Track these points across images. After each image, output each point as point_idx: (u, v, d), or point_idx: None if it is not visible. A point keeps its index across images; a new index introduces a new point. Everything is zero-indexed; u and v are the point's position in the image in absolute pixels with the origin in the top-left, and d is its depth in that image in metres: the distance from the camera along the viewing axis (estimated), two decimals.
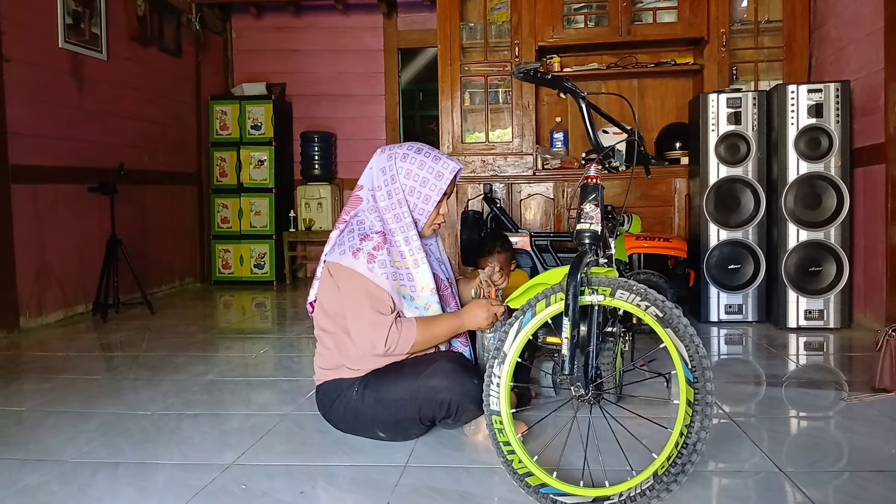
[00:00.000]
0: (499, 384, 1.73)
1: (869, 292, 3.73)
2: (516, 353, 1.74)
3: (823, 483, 1.78)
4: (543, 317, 1.73)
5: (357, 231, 2.05)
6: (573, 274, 1.66)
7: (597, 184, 1.83)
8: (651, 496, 1.52)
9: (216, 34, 6.40)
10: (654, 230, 4.49)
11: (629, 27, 4.63)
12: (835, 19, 4.17)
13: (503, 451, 1.71)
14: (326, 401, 2.13)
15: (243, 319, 4.62)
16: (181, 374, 3.02)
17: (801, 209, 3.75)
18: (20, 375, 3.05)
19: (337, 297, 2.06)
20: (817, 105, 3.71)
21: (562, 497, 1.61)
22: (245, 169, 6.12)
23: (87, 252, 4.58)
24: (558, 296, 1.70)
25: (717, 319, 3.98)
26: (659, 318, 1.62)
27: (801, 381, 2.82)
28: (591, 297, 1.69)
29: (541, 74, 1.88)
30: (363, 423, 2.08)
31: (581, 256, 1.72)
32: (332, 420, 2.15)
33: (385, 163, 2.08)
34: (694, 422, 1.51)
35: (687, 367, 1.56)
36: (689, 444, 1.50)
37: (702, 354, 1.54)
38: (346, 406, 2.07)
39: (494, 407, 1.73)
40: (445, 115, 4.88)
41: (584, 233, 1.79)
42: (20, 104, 4.02)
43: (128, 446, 2.14)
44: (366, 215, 2.08)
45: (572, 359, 1.65)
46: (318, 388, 2.16)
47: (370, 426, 2.08)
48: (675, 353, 1.59)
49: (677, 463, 1.51)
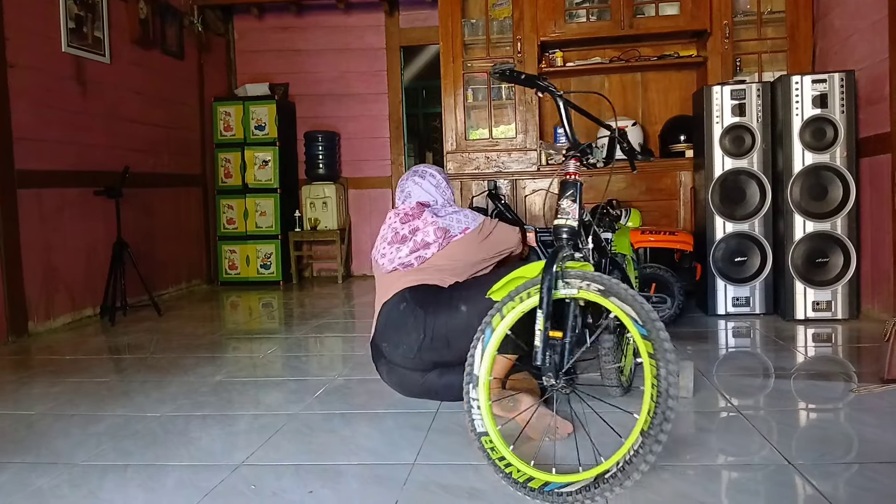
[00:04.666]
0: (479, 406, 1.79)
1: (877, 283, 3.71)
2: (488, 372, 1.81)
3: (833, 475, 1.78)
4: (502, 329, 1.80)
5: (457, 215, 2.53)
6: (548, 268, 1.72)
7: (575, 180, 1.89)
8: (644, 453, 1.54)
9: (218, 35, 6.41)
10: (659, 224, 4.48)
11: (631, 20, 4.61)
12: (839, 9, 4.15)
13: (500, 467, 1.73)
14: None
15: (250, 320, 4.63)
16: (189, 375, 3.03)
17: (807, 200, 3.74)
18: (29, 379, 3.06)
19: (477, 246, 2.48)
20: (822, 95, 3.69)
21: (566, 488, 1.62)
22: (250, 169, 6.13)
23: (94, 255, 4.59)
24: (513, 304, 1.79)
25: (725, 312, 3.97)
26: (601, 291, 1.70)
27: (809, 373, 2.81)
28: (565, 290, 1.74)
29: (516, 74, 1.92)
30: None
31: (557, 251, 1.78)
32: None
33: (442, 177, 2.68)
34: (659, 370, 1.57)
35: (638, 325, 1.63)
36: (662, 392, 1.56)
37: (648, 310, 1.63)
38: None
39: (481, 429, 1.78)
40: (449, 112, 4.88)
41: (561, 228, 1.85)
42: (25, 109, 4.04)
43: (137, 448, 2.15)
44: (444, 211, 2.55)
45: (544, 350, 1.71)
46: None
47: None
48: (623, 316, 1.67)
49: (657, 413, 1.55)
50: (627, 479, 1.54)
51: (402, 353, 2.36)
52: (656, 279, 3.75)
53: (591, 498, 1.57)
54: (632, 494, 1.70)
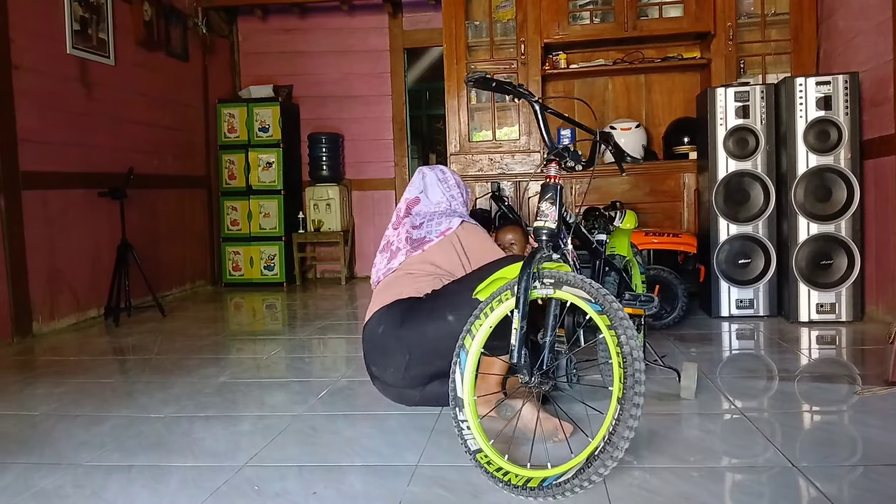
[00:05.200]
0: (469, 427, 1.83)
1: (881, 285, 3.70)
2: (471, 392, 1.85)
3: (837, 478, 1.77)
4: (476, 348, 1.86)
5: (439, 216, 2.48)
6: (524, 269, 1.78)
7: (556, 183, 1.94)
8: (625, 419, 1.57)
9: (223, 37, 6.42)
10: (663, 225, 4.48)
11: (635, 22, 4.61)
12: (843, 10, 4.14)
13: (498, 478, 1.74)
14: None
15: (254, 321, 4.63)
16: (193, 376, 3.04)
17: (811, 202, 3.73)
18: (34, 380, 3.07)
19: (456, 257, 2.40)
20: (826, 97, 3.69)
21: (562, 478, 1.63)
22: (253, 171, 6.14)
23: (99, 257, 4.61)
24: (479, 321, 1.85)
25: (728, 314, 3.96)
26: (553, 283, 1.78)
27: (813, 376, 2.80)
28: (542, 290, 1.80)
29: (489, 81, 1.97)
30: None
31: (534, 253, 1.84)
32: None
33: (453, 178, 2.65)
34: (619, 337, 1.64)
35: (592, 303, 1.71)
36: (627, 356, 1.61)
37: (597, 287, 1.71)
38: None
39: (474, 447, 1.81)
40: (452, 114, 4.88)
41: (540, 230, 1.91)
42: (29, 111, 4.05)
43: (141, 449, 2.15)
44: (429, 212, 2.52)
45: (520, 348, 1.75)
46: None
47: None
48: (578, 300, 1.74)
49: (627, 377, 1.60)
50: (616, 449, 1.56)
51: (392, 375, 2.34)
52: (660, 281, 3.75)
53: (587, 479, 1.59)
54: (635, 496, 1.70)
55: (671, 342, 3.39)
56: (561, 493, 1.62)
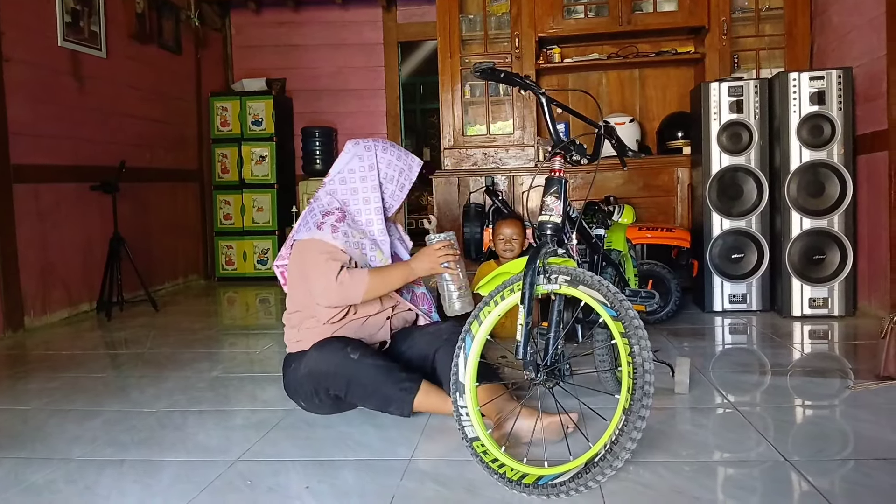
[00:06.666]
0: (468, 413, 1.82)
1: (873, 280, 3.72)
2: (473, 378, 1.82)
3: (829, 472, 1.78)
4: (483, 334, 1.83)
5: (317, 209, 2.24)
6: (530, 264, 1.75)
7: (560, 177, 1.90)
8: (629, 430, 1.56)
9: (215, 30, 6.38)
10: (656, 220, 4.48)
11: (629, 16, 4.61)
12: (836, 6, 4.14)
13: (494, 469, 1.74)
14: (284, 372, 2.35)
15: (247, 315, 4.62)
16: (186, 370, 3.03)
17: (804, 197, 3.74)
18: (25, 374, 3.06)
19: (303, 272, 2.21)
20: (819, 92, 3.69)
21: (558, 479, 1.63)
22: (246, 165, 6.12)
23: (91, 250, 4.58)
24: (490, 307, 1.82)
25: (721, 309, 3.97)
26: (568, 281, 1.74)
27: (805, 370, 2.82)
28: (548, 286, 1.77)
29: (497, 72, 1.94)
30: (292, 391, 2.31)
31: (540, 248, 1.80)
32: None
33: (363, 152, 2.27)
34: (633, 347, 1.60)
35: (608, 308, 1.67)
36: (638, 368, 1.59)
37: (614, 292, 1.67)
38: (288, 375, 2.31)
39: (472, 435, 1.81)
40: (446, 108, 4.87)
41: (545, 224, 1.87)
42: (20, 104, 4.02)
43: (133, 444, 2.14)
44: (323, 195, 2.27)
45: (526, 345, 1.73)
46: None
47: (294, 395, 2.31)
48: (593, 302, 1.70)
49: (636, 388, 1.58)
50: (617, 459, 1.55)
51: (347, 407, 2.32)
52: (653, 276, 3.75)
53: (583, 484, 1.58)
54: (628, 490, 1.71)
55: (664, 337, 3.40)
56: (556, 493, 1.62)
